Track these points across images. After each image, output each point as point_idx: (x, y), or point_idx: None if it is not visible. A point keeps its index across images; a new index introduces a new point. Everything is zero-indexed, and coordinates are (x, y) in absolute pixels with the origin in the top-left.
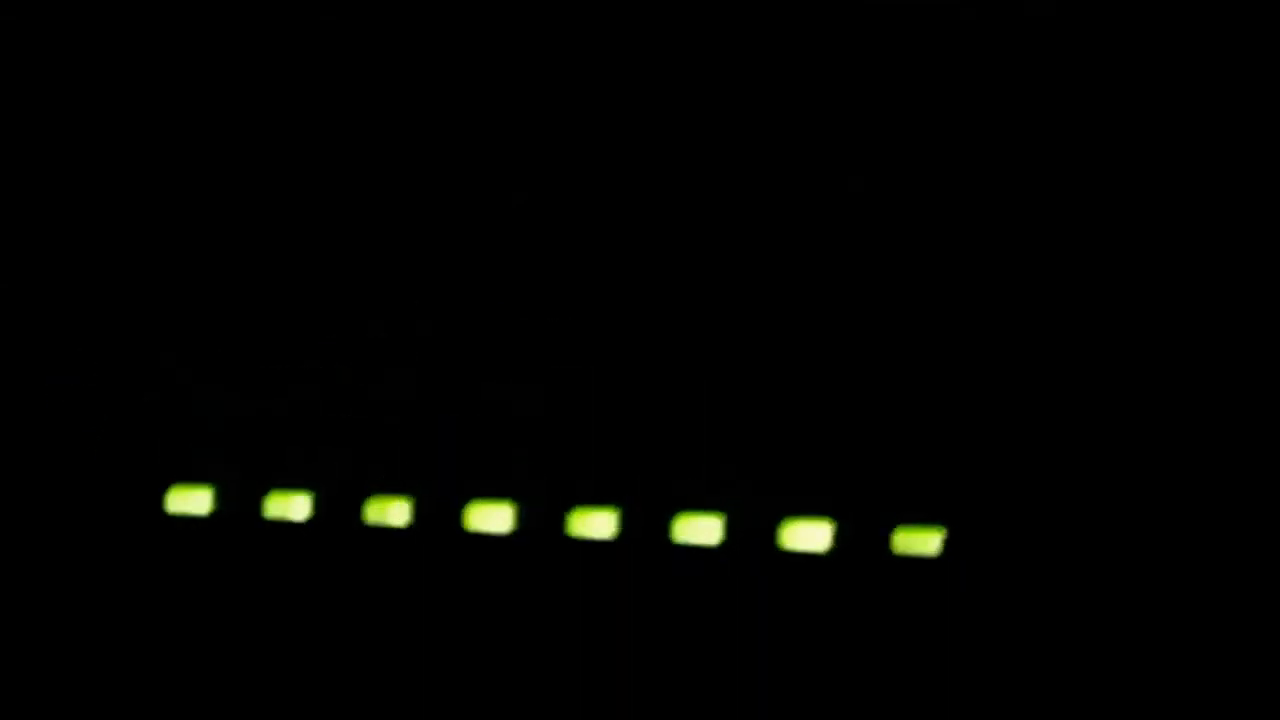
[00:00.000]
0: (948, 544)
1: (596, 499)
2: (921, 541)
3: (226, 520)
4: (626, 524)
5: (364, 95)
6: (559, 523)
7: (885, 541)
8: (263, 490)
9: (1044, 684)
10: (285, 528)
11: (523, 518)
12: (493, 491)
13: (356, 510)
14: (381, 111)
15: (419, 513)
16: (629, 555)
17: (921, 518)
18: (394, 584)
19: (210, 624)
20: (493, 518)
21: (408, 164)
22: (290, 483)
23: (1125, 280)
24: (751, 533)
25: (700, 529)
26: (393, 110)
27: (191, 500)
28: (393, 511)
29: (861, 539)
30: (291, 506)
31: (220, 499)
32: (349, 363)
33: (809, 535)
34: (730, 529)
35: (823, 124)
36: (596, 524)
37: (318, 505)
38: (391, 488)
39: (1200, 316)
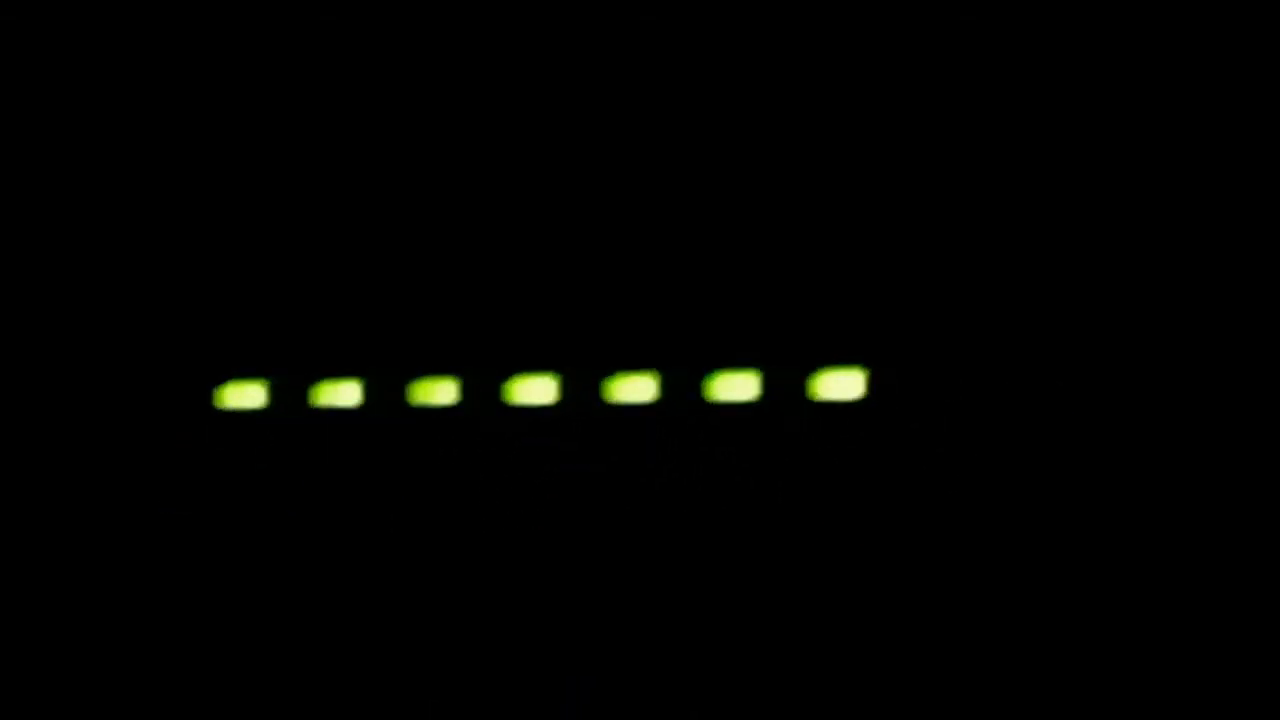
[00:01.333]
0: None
1: (634, 366)
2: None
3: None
4: (666, 388)
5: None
6: (597, 390)
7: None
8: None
9: None
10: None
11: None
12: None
13: (401, 393)
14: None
15: (465, 391)
16: (667, 417)
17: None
18: (443, 459)
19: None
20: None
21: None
22: (338, 372)
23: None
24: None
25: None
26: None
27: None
28: (439, 391)
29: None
30: (340, 394)
31: (272, 393)
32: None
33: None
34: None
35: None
36: (635, 389)
37: (367, 391)
38: (437, 369)
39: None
